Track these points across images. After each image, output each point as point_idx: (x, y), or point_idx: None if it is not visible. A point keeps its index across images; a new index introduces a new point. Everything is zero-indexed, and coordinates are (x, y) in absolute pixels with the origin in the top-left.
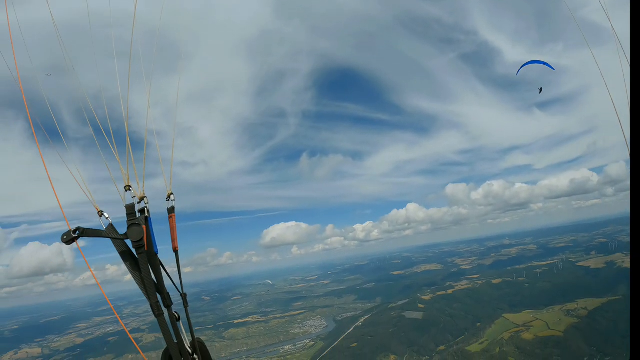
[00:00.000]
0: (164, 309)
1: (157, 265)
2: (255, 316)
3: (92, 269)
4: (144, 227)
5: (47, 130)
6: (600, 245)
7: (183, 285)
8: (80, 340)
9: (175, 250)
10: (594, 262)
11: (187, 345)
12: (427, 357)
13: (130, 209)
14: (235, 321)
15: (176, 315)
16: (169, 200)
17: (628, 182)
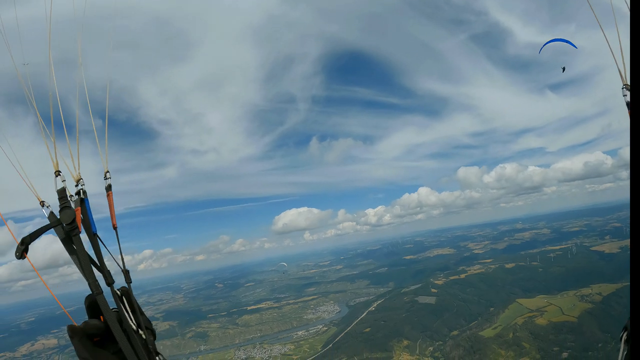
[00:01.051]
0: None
1: (96, 244)
2: (268, 302)
3: (41, 275)
4: (77, 209)
5: (55, 124)
6: (614, 229)
7: (125, 262)
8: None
9: (115, 228)
10: (608, 246)
11: (132, 322)
12: (440, 342)
13: (61, 193)
14: (249, 307)
15: (118, 292)
16: (105, 178)
17: None
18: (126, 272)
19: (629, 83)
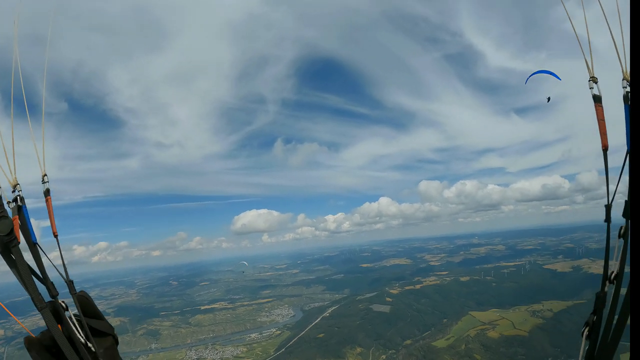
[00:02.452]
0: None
1: (37, 255)
2: (222, 303)
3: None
4: (15, 217)
5: (20, 104)
6: (567, 250)
7: (68, 272)
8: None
9: (55, 236)
10: (561, 265)
11: (78, 332)
12: (393, 351)
13: None
14: (202, 307)
15: (63, 305)
16: (43, 182)
17: (598, 191)
18: (70, 283)
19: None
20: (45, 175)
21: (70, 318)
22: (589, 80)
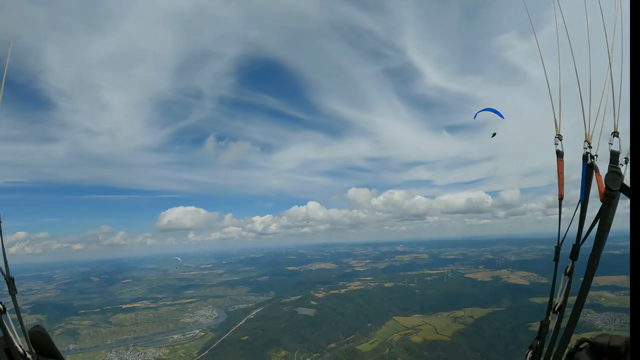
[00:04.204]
0: None
1: None
2: (144, 302)
3: None
4: None
5: None
6: (487, 260)
7: (9, 268)
8: None
9: None
10: (481, 275)
11: (17, 343)
12: (318, 354)
13: None
14: (124, 306)
15: (0, 306)
16: None
17: (518, 207)
18: (10, 280)
19: (561, 134)
20: None
21: (24, 355)
22: (555, 137)
